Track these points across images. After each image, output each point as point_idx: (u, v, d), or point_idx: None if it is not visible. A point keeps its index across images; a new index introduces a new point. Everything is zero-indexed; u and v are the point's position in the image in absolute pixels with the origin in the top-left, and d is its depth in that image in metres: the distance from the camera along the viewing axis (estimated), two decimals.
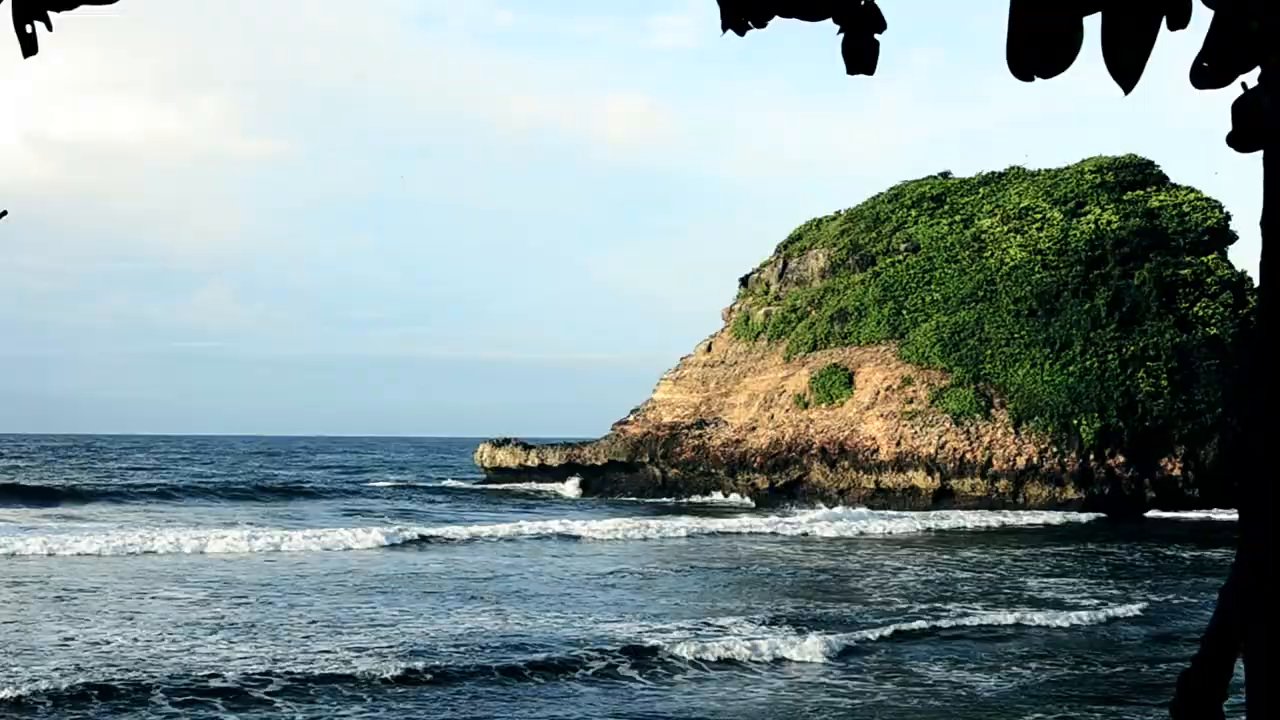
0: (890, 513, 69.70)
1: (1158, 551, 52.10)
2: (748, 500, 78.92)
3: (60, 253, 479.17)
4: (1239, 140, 2.32)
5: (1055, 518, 68.14)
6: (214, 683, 22.51)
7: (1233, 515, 72.89)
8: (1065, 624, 31.28)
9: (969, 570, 44.25)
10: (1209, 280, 79.39)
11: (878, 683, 23.97)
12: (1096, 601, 35.51)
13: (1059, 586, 39.73)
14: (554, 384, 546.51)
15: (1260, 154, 2.35)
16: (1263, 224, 2.28)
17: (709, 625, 30.00)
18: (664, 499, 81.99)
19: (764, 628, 29.71)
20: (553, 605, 33.58)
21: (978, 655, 26.98)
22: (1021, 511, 71.20)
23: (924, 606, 33.92)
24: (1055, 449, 74.36)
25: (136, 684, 22.13)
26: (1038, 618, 31.85)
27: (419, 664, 24.05)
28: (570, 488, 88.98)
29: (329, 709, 21.15)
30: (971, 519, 66.13)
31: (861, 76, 3.04)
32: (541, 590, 37.06)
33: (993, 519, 66.95)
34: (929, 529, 61.31)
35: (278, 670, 23.50)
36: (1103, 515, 70.46)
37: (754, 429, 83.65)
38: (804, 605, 34.53)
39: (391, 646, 26.28)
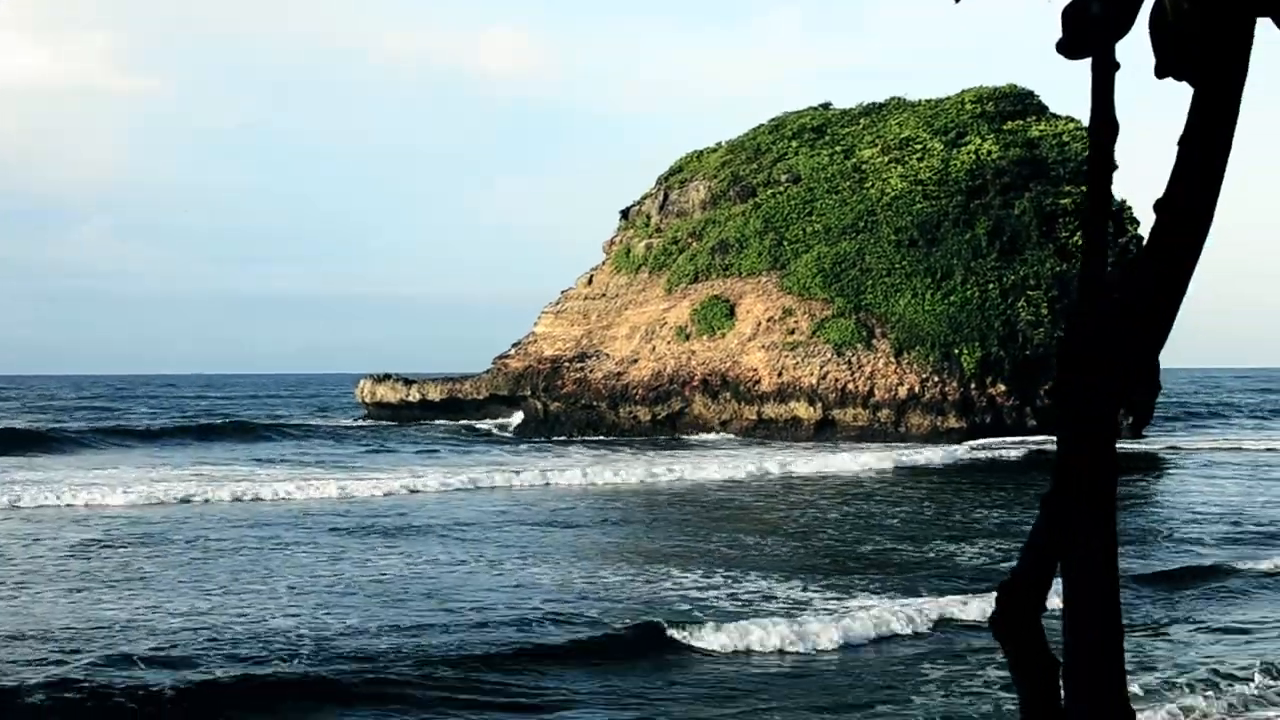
0: (844, 446, 69.22)
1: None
2: (730, 435, 77.14)
3: None
4: (1068, 48, 2.23)
5: (1014, 451, 66.69)
6: None
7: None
8: None
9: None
10: None
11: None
12: None
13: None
14: (440, 319, 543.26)
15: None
16: (1090, 132, 2.23)
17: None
18: (610, 437, 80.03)
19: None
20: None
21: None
22: (965, 444, 71.13)
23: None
24: (937, 378, 74.40)
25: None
26: None
27: None
28: (512, 423, 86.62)
29: None
30: (937, 455, 63.73)
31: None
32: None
33: (948, 451, 65.08)
34: (898, 466, 59.21)
35: None
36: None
37: (635, 361, 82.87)
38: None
39: None
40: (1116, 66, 2.24)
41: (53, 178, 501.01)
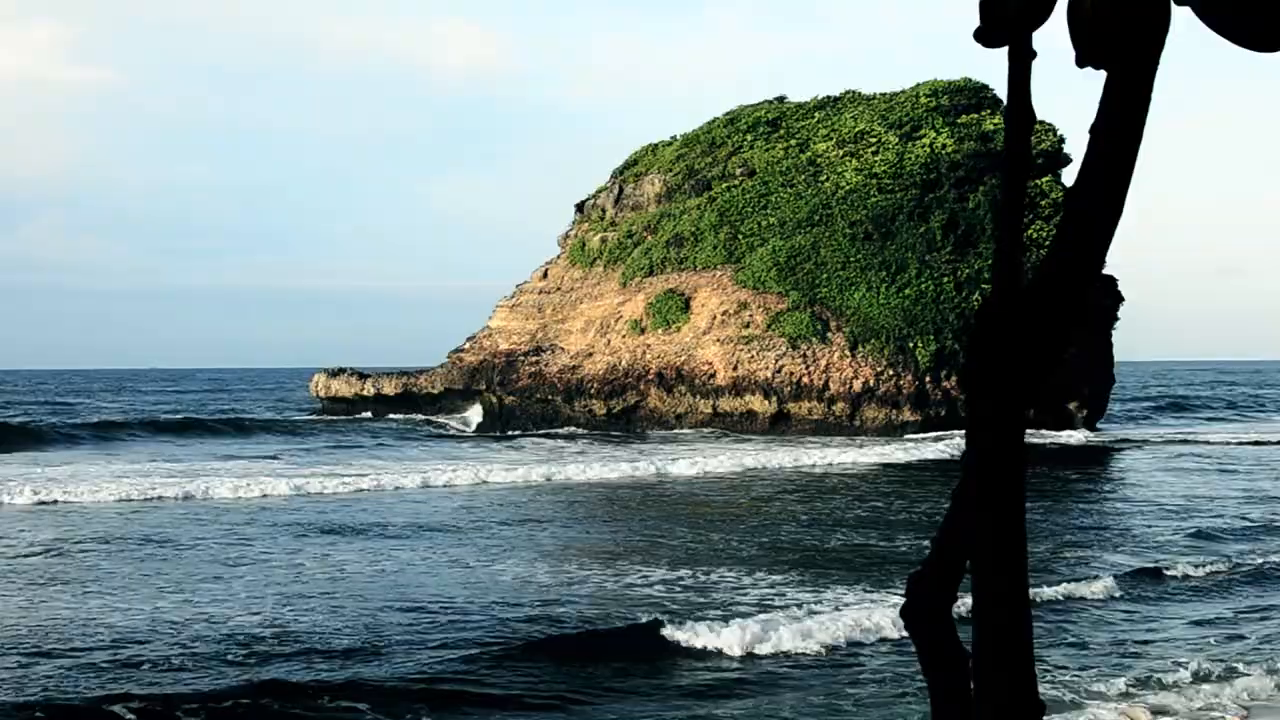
0: (840, 440, 69.14)
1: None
2: (702, 430, 76.81)
3: None
4: (985, 36, 2.20)
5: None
6: None
7: (1067, 436, 73.86)
8: None
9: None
10: (1043, 203, 79.76)
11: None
12: None
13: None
14: (395, 313, 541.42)
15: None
16: (1006, 121, 2.20)
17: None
18: (581, 431, 79.71)
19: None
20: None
21: None
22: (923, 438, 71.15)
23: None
24: (892, 371, 74.50)
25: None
26: None
27: None
28: (471, 419, 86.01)
29: None
30: (930, 451, 63.81)
31: None
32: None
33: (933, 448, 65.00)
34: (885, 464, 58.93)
35: None
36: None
37: (591, 355, 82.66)
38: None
39: None
40: (1033, 55, 2.21)
41: (1, 172, 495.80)
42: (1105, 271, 65.76)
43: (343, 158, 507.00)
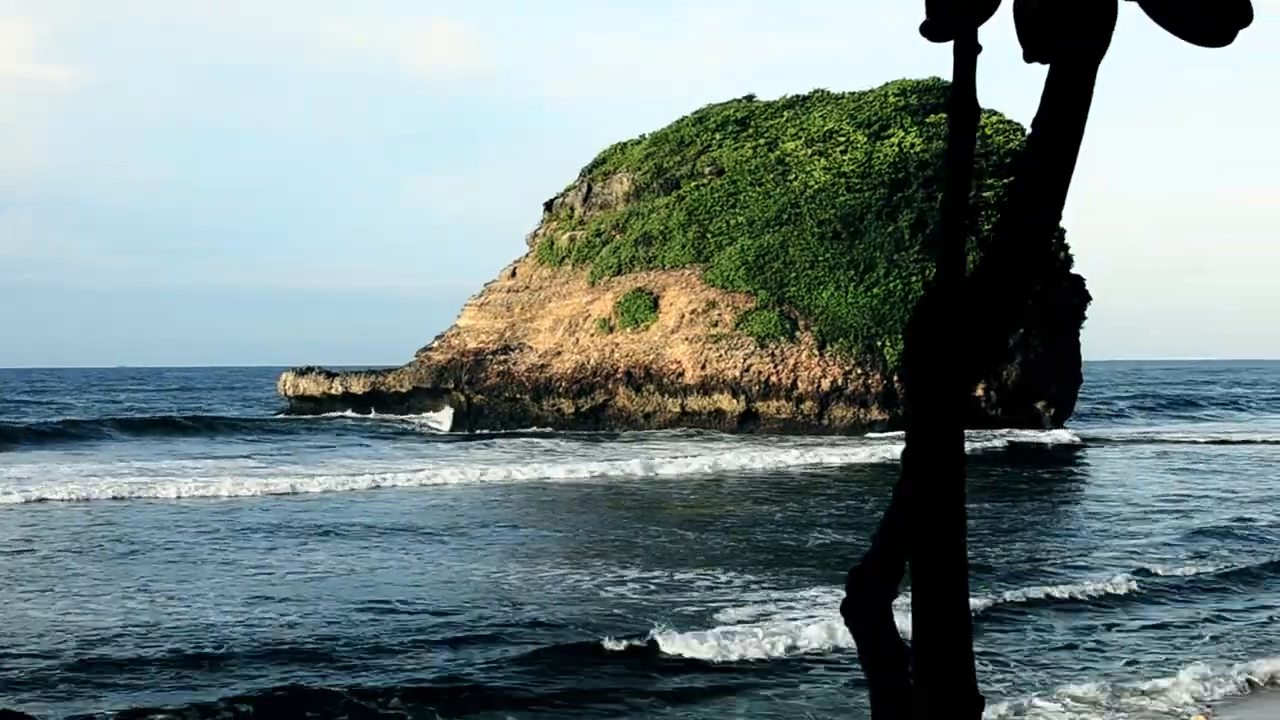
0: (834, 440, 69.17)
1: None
2: (671, 430, 76.71)
3: None
4: (931, 30, 2.20)
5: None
6: None
7: (1035, 435, 74.07)
8: None
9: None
10: None
11: None
12: None
13: None
14: (366, 311, 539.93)
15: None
16: (949, 116, 2.19)
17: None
18: (552, 430, 79.62)
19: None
20: None
21: None
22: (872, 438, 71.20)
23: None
24: (860, 370, 74.57)
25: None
26: None
27: None
28: (443, 419, 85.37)
29: None
30: (900, 450, 63.09)
31: None
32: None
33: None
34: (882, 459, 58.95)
35: None
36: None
37: (559, 354, 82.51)
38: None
39: None
40: (978, 50, 2.22)
41: None
42: (1073, 271, 65.28)
43: (319, 156, 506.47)
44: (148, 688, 18.51)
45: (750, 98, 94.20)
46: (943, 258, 2.22)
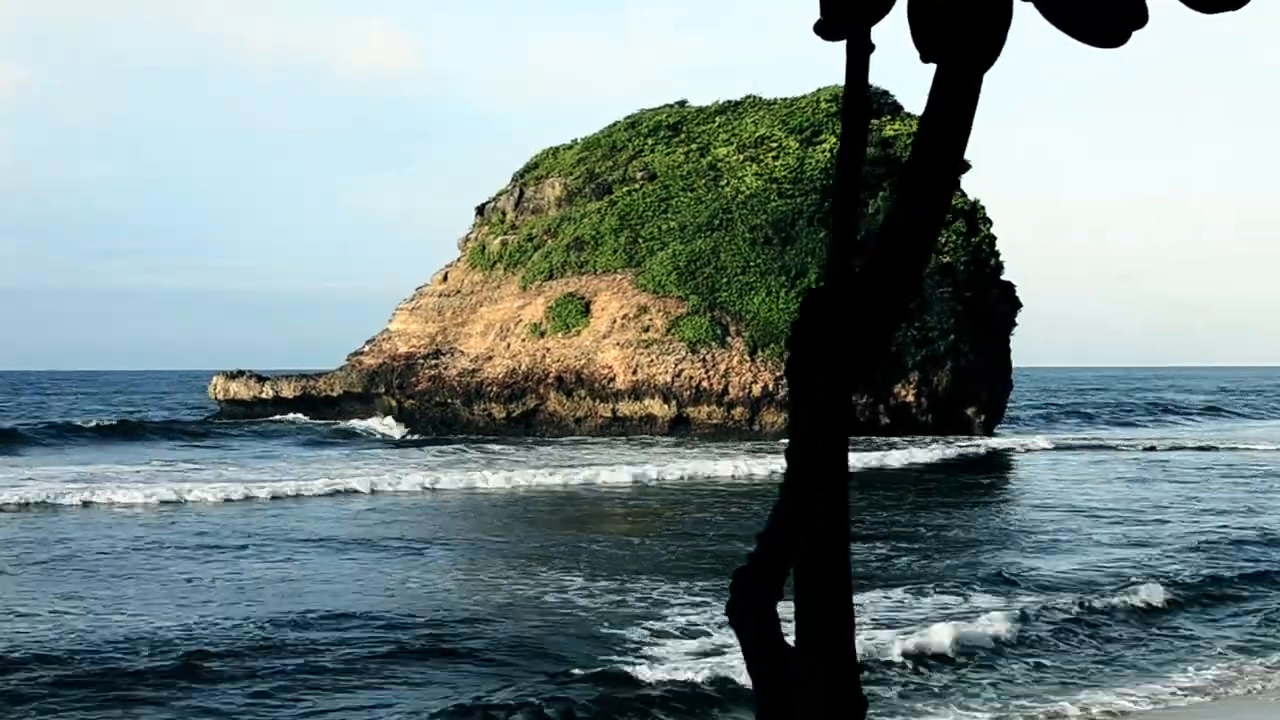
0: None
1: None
2: (604, 436, 76.26)
3: None
4: (825, 29, 2.21)
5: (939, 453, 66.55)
6: None
7: (974, 440, 74.48)
8: None
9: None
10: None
11: None
12: None
13: None
14: (297, 315, 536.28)
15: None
16: (843, 113, 2.20)
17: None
18: (489, 438, 79.19)
19: None
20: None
21: None
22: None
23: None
24: None
25: None
26: None
27: None
28: (387, 424, 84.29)
29: None
30: (921, 455, 64.02)
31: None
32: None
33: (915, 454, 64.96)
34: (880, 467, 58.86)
35: None
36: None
37: (490, 358, 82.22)
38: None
39: None
40: (871, 49, 2.20)
41: None
42: (1003, 278, 65.51)
43: (250, 157, 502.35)
44: (79, 693, 18.15)
45: (683, 103, 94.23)
46: (832, 253, 2.23)
